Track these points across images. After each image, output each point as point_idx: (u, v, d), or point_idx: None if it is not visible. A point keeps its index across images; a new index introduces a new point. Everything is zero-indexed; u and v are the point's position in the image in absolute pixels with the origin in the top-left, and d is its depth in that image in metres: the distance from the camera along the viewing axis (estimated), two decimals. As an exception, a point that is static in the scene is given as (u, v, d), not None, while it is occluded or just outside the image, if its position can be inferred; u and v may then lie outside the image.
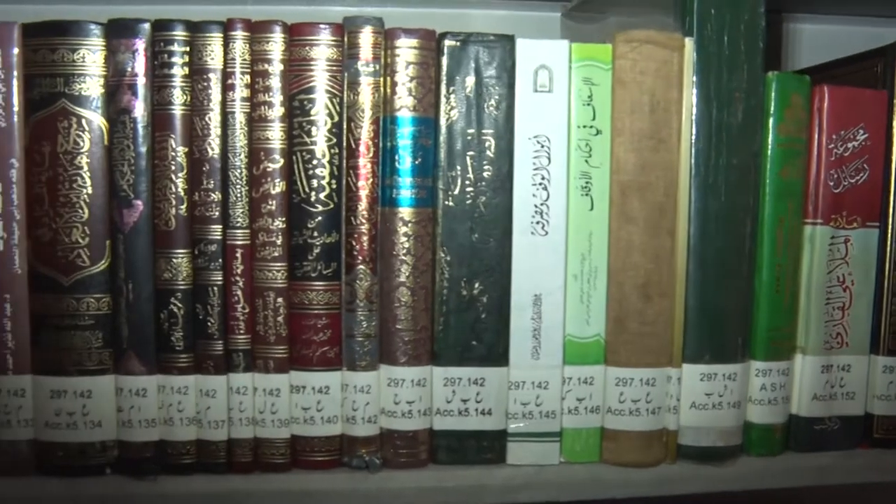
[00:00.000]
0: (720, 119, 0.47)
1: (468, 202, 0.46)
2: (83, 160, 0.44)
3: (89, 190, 0.44)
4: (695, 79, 0.47)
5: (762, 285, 0.49)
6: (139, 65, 0.44)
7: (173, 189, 0.45)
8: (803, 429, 0.50)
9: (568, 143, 0.47)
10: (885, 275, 0.50)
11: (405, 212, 0.46)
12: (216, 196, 0.45)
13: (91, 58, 0.44)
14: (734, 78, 0.47)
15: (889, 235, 0.50)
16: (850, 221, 0.49)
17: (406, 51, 0.46)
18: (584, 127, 0.47)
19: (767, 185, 0.48)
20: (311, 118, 0.45)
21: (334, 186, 0.46)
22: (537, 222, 0.47)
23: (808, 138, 0.49)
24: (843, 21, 0.63)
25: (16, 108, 0.44)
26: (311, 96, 0.45)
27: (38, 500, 0.45)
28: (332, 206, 0.46)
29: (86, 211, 0.45)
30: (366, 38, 0.45)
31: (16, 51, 0.44)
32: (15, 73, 0.44)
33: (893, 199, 0.49)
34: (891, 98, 0.49)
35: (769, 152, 0.48)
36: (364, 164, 0.46)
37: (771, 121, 0.48)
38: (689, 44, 0.47)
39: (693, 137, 0.47)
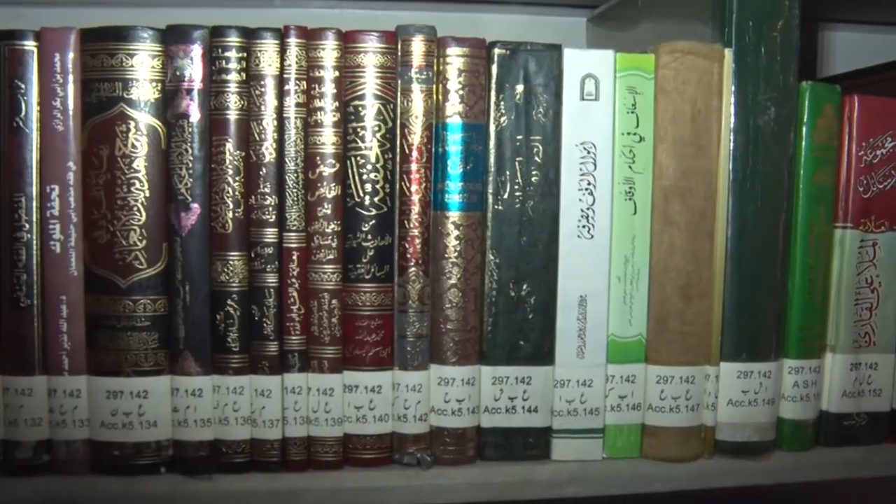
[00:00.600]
0: (756, 127, 0.48)
1: (517, 206, 0.46)
2: (141, 164, 0.44)
3: (147, 193, 0.44)
4: (733, 88, 0.47)
5: (795, 286, 0.49)
6: (196, 70, 0.44)
7: (230, 192, 0.44)
8: (833, 424, 0.50)
9: (613, 149, 0.46)
10: (909, 276, 0.51)
11: (456, 215, 0.46)
12: (272, 199, 0.44)
13: (149, 63, 0.43)
14: (770, 87, 0.48)
15: (914, 239, 0.51)
16: (878, 225, 0.50)
17: (457, 59, 0.45)
18: (628, 134, 0.47)
19: (801, 191, 0.49)
20: (365, 124, 0.45)
21: (388, 191, 0.45)
22: (583, 226, 0.47)
23: (839, 145, 0.50)
24: (877, 30, 0.65)
25: (71, 112, 0.44)
26: (365, 102, 0.45)
27: (95, 499, 0.44)
28: (385, 209, 0.45)
29: (143, 214, 0.44)
30: (418, 45, 0.45)
31: (72, 56, 0.44)
32: (71, 78, 0.44)
33: (919, 205, 0.51)
34: (916, 107, 0.50)
35: (802, 159, 0.49)
36: (417, 168, 0.46)
37: (804, 129, 0.48)
38: (728, 55, 0.47)
39: (731, 144, 0.47)
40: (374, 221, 0.45)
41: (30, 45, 0.43)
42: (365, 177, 0.44)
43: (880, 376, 0.50)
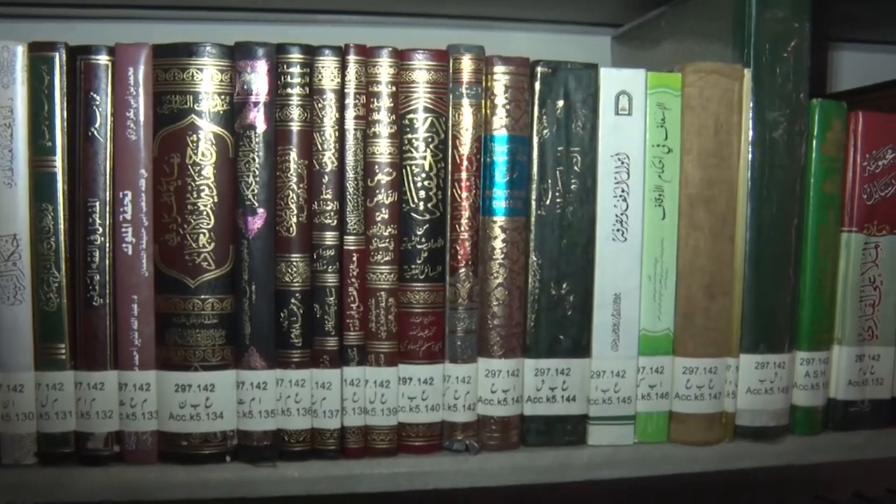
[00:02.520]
0: (772, 140, 0.47)
1: (557, 212, 0.45)
2: (210, 171, 0.42)
3: (215, 199, 0.42)
4: (752, 105, 0.47)
5: (806, 285, 0.48)
6: (262, 84, 0.42)
7: (294, 198, 0.43)
8: (840, 410, 0.49)
9: (644, 160, 0.45)
10: (906, 275, 0.51)
11: (502, 220, 0.45)
12: (334, 205, 0.43)
13: (218, 77, 0.42)
14: (784, 104, 0.47)
15: (911, 242, 0.51)
16: (880, 229, 0.50)
17: (503, 76, 0.44)
18: (658, 146, 0.46)
19: (811, 198, 0.48)
20: (419, 135, 0.43)
21: (440, 197, 0.44)
22: (617, 230, 0.47)
23: (845, 157, 0.49)
24: (879, 49, 0.65)
25: (143, 122, 0.43)
26: (419, 116, 0.43)
27: (165, 486, 0.42)
28: (437, 214, 0.44)
29: (212, 218, 0.42)
30: (467, 63, 0.44)
31: (144, 70, 0.42)
32: (143, 91, 0.42)
33: (915, 210, 0.51)
34: (913, 122, 0.51)
35: (813, 169, 0.48)
36: (467, 177, 0.44)
37: (814, 142, 0.48)
38: (747, 74, 0.47)
39: (750, 156, 0.46)
40: (427, 226, 0.44)
41: (104, 59, 0.41)
42: (419, 184, 0.44)
43: (882, 367, 0.50)
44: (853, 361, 0.48)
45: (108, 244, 0.41)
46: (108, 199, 0.41)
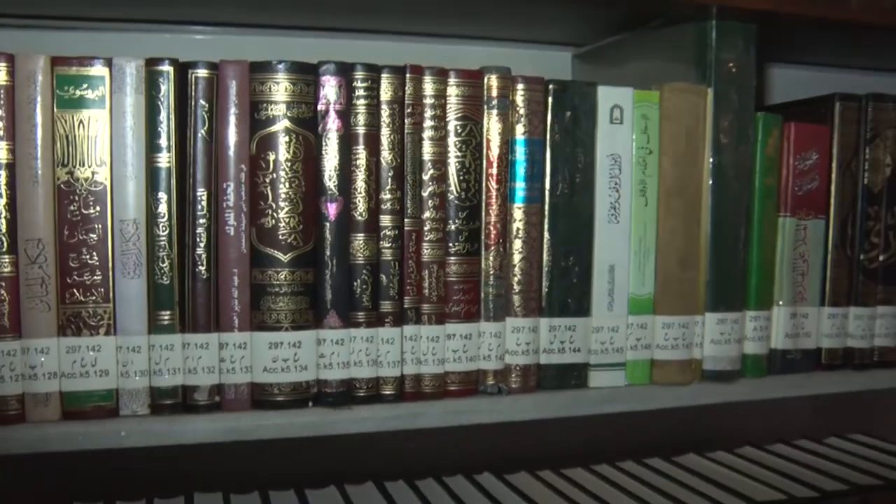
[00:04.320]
0: (728, 145, 0.62)
1: (565, 200, 0.57)
2: (299, 166, 0.53)
3: (303, 189, 0.53)
4: (712, 117, 0.62)
5: (753, 258, 0.62)
6: (340, 96, 0.53)
7: (365, 188, 0.53)
8: (779, 358, 0.63)
9: (632, 159, 0.60)
10: (827, 251, 0.67)
11: (523, 207, 0.57)
12: (395, 194, 0.54)
13: (305, 90, 0.52)
14: (737, 116, 0.61)
15: (831, 224, 0.66)
16: (807, 214, 0.65)
17: (524, 92, 0.57)
18: (642, 148, 0.59)
19: (756, 190, 0.62)
20: (462, 139, 0.56)
21: (476, 188, 0.56)
22: (612, 214, 0.59)
23: (781, 158, 0.65)
24: (807, 68, 0.82)
25: (241, 126, 0.53)
26: (461, 122, 0.55)
27: (260, 428, 0.52)
28: (475, 202, 0.55)
29: (300, 205, 0.53)
30: (496, 81, 0.56)
31: (242, 82, 0.51)
32: (241, 100, 0.52)
33: (833, 200, 0.65)
34: (831, 132, 0.65)
35: (757, 167, 0.62)
36: (497, 172, 0.56)
37: (758, 146, 0.62)
38: (709, 93, 0.61)
39: (711, 157, 0.61)
40: (466, 211, 0.55)
41: (208, 73, 0.51)
42: (460, 178, 0.55)
43: (810, 323, 0.65)
44: (789, 318, 0.63)
45: (213, 227, 0.51)
46: (213, 189, 0.51)
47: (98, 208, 0.50)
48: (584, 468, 0.74)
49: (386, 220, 0.53)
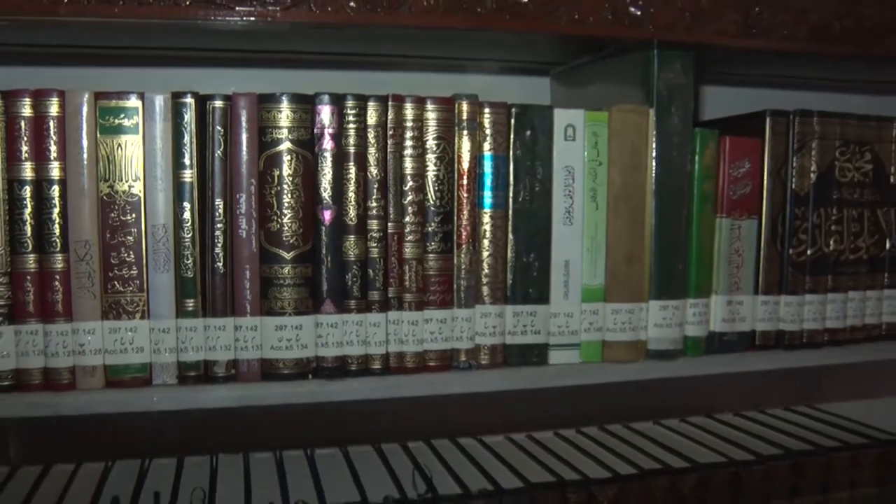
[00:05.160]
0: (669, 156, 0.71)
1: (526, 206, 0.68)
2: (300, 180, 0.63)
3: (303, 199, 0.63)
4: (655, 133, 0.71)
5: (693, 254, 0.73)
6: (332, 121, 0.64)
7: (354, 199, 0.65)
8: (717, 339, 0.74)
9: (584, 170, 0.70)
10: (760, 247, 0.76)
11: (490, 212, 0.67)
12: (381, 203, 0.65)
13: (304, 116, 0.63)
14: (676, 132, 0.71)
15: (763, 224, 0.75)
16: (741, 215, 0.74)
17: (489, 115, 0.67)
18: (593, 161, 0.70)
19: (695, 195, 0.72)
20: (435, 155, 0.66)
21: (449, 197, 0.66)
22: (567, 218, 0.69)
23: (717, 167, 0.75)
24: (742, 87, 0.92)
25: (251, 147, 0.63)
26: (434, 141, 0.66)
27: (268, 396, 0.63)
28: (449, 208, 0.66)
29: (300, 212, 0.63)
30: (466, 106, 0.66)
31: (252, 111, 0.62)
32: (251, 125, 0.63)
33: (764, 203, 0.75)
34: (763, 144, 0.75)
35: (696, 175, 0.72)
36: (467, 183, 0.67)
37: (697, 157, 0.72)
38: (651, 113, 0.71)
39: (654, 168, 0.71)
40: (441, 216, 0.66)
41: (223, 103, 0.62)
42: (436, 188, 0.66)
43: (745, 309, 0.75)
44: (725, 305, 0.73)
45: (228, 230, 0.62)
46: (228, 199, 0.61)
47: (134, 215, 0.60)
48: (553, 434, 0.85)
49: (373, 224, 0.64)
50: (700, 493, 0.75)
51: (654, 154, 0.69)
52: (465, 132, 0.65)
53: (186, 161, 0.61)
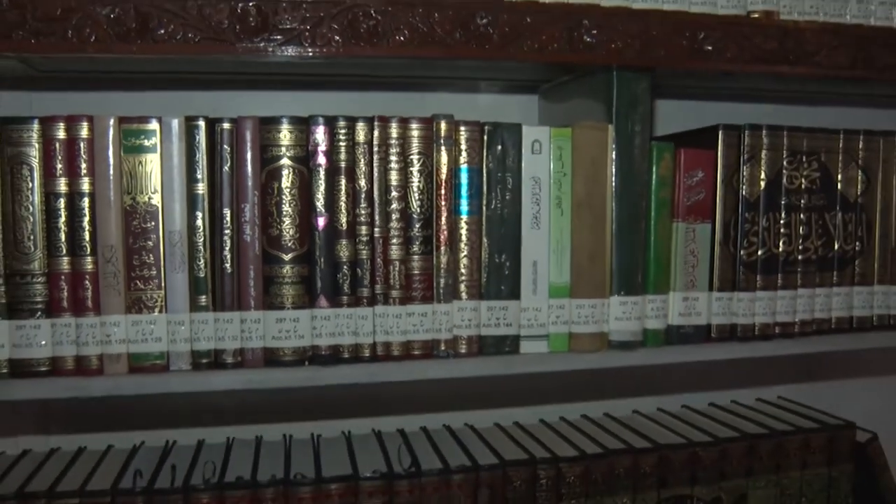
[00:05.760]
0: (628, 167, 0.80)
1: (498, 212, 0.77)
2: (297, 192, 0.72)
3: (299, 207, 0.73)
4: (614, 146, 0.80)
5: (651, 255, 0.81)
6: (324, 139, 0.73)
7: (344, 207, 0.74)
8: (674, 332, 0.82)
9: (550, 180, 0.78)
10: (714, 248, 0.84)
11: (466, 218, 0.76)
12: (367, 211, 0.74)
13: (300, 136, 0.72)
14: (634, 145, 0.80)
15: (716, 227, 0.83)
16: (695, 220, 0.82)
17: (465, 132, 0.75)
18: (558, 172, 0.78)
19: (653, 202, 0.80)
20: (416, 169, 0.75)
21: (429, 205, 0.75)
22: (534, 223, 0.78)
23: (673, 176, 0.83)
24: (697, 101, 1.00)
25: (254, 163, 0.73)
26: (416, 156, 0.75)
27: (271, 380, 0.72)
28: (429, 215, 0.75)
29: (297, 219, 0.73)
30: (443, 125, 0.75)
31: (255, 132, 0.72)
32: (253, 144, 0.73)
33: (717, 208, 0.83)
34: (715, 155, 0.83)
35: (654, 184, 0.80)
36: (444, 192, 0.75)
37: (654, 167, 0.81)
38: (611, 129, 0.79)
39: (614, 177, 0.80)
40: (422, 222, 0.75)
41: (230, 125, 0.71)
42: (417, 197, 0.75)
43: (700, 304, 0.83)
44: (682, 301, 0.81)
45: (235, 236, 0.71)
46: (235, 209, 0.71)
47: (153, 223, 0.70)
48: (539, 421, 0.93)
49: (361, 229, 0.73)
50: (661, 471, 0.83)
51: (613, 165, 0.78)
52: (442, 147, 0.74)
53: (199, 176, 0.70)
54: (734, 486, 0.86)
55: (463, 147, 0.74)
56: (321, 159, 0.72)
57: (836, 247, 0.86)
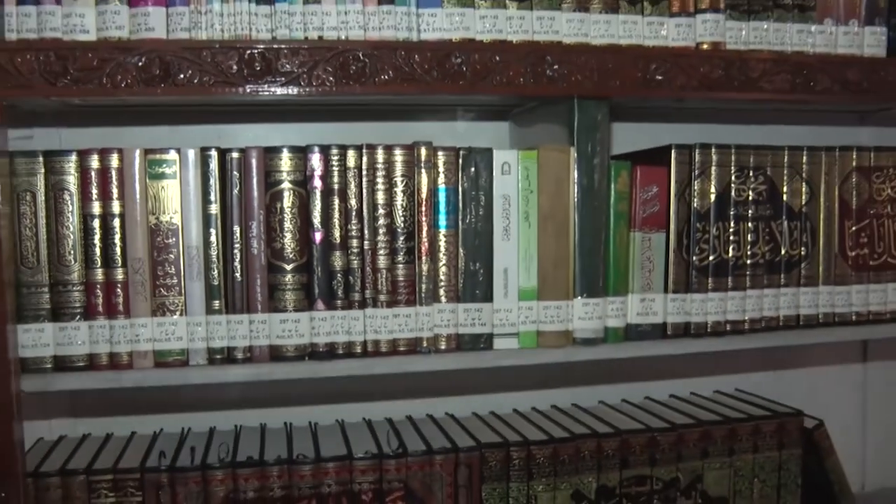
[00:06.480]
0: (589, 184, 0.91)
1: (473, 226, 0.88)
2: (296, 210, 0.85)
3: (299, 224, 0.85)
4: (575, 166, 0.91)
5: (611, 261, 0.92)
6: (320, 165, 0.85)
7: (337, 223, 0.86)
8: (633, 330, 0.93)
9: (518, 197, 0.90)
10: (668, 255, 0.95)
11: (444, 231, 0.88)
12: (358, 226, 0.86)
13: (298, 162, 0.85)
14: (594, 164, 0.91)
15: (670, 236, 0.95)
16: (651, 230, 0.93)
17: (442, 156, 0.87)
18: (525, 189, 0.89)
19: (612, 214, 0.92)
20: (400, 189, 0.87)
21: (411, 220, 0.87)
22: (505, 234, 0.90)
23: (630, 191, 0.94)
24: (652, 123, 1.11)
25: (260, 186, 0.85)
26: (400, 178, 0.87)
27: (276, 373, 0.84)
28: (412, 229, 0.87)
29: (297, 234, 0.85)
30: (423, 151, 0.87)
31: (260, 159, 0.85)
32: (259, 170, 0.85)
33: (671, 219, 0.94)
34: (669, 171, 0.94)
35: (612, 198, 0.92)
36: (425, 209, 0.87)
37: (612, 184, 0.92)
38: (572, 151, 0.90)
39: (576, 193, 0.91)
40: (405, 235, 0.87)
41: (239, 154, 0.84)
42: (401, 214, 0.86)
43: (656, 305, 0.94)
44: (639, 302, 0.92)
45: (244, 249, 0.83)
46: (243, 226, 0.83)
47: (174, 239, 0.82)
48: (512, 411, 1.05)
49: (352, 242, 0.85)
50: (622, 453, 0.94)
51: (575, 183, 0.89)
52: (423, 170, 0.86)
53: (212, 198, 0.83)
54: (690, 468, 0.97)
55: (441, 169, 0.86)
56: (317, 182, 0.84)
57: (783, 252, 0.97)
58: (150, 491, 0.86)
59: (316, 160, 0.84)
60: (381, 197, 0.85)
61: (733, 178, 0.94)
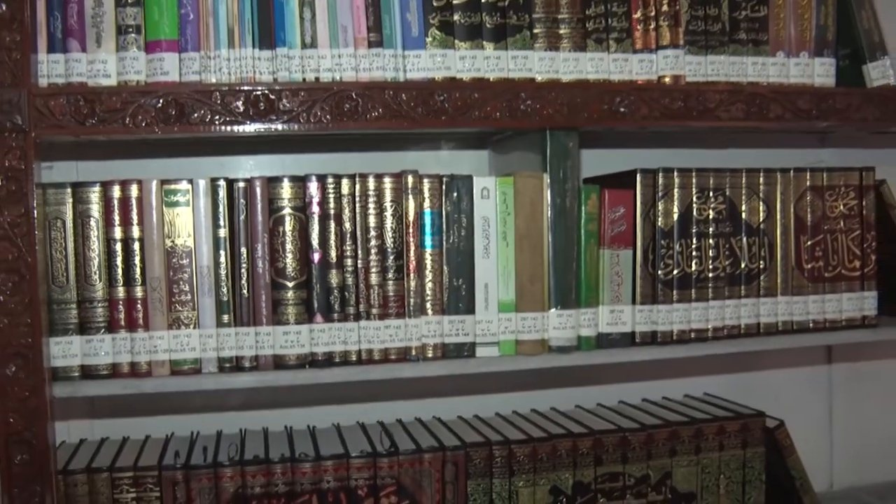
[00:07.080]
0: (561, 207, 1.01)
1: (456, 245, 0.99)
2: (297, 234, 0.95)
3: (299, 246, 0.95)
4: (549, 191, 1.01)
5: (583, 276, 1.02)
6: (317, 193, 0.96)
7: (334, 245, 0.96)
8: (604, 338, 1.03)
9: (496, 219, 1.00)
10: (635, 270, 1.05)
11: (430, 250, 0.98)
12: (352, 247, 0.97)
13: (298, 191, 0.96)
14: (566, 188, 1.01)
15: (637, 253, 1.05)
16: (619, 247, 1.03)
17: (427, 183, 0.98)
18: (503, 212, 1.00)
19: (582, 234, 1.02)
20: (390, 213, 0.98)
21: (400, 241, 0.98)
22: (485, 253, 1.00)
23: (599, 212, 1.04)
24: (620, 149, 1.22)
25: (264, 212, 0.96)
26: (389, 203, 0.97)
27: (280, 379, 0.95)
28: (400, 249, 0.98)
29: (297, 255, 0.96)
30: (410, 179, 0.98)
31: (264, 188, 0.96)
32: (263, 198, 0.96)
33: (637, 237, 1.04)
34: (635, 194, 1.04)
35: (583, 219, 1.02)
36: (412, 231, 0.98)
37: (583, 206, 1.02)
38: (545, 176, 1.01)
39: (550, 215, 1.01)
40: (395, 254, 0.97)
41: (245, 183, 0.95)
42: (391, 235, 0.97)
43: (625, 315, 1.04)
44: (609, 313, 1.02)
45: (250, 269, 0.94)
46: (249, 248, 0.94)
47: (187, 260, 0.93)
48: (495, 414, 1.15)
49: (347, 261, 0.95)
50: (596, 451, 1.04)
51: (548, 206, 0.99)
52: (410, 196, 0.97)
53: (221, 223, 0.94)
54: (660, 465, 1.07)
55: (426, 195, 0.97)
56: (315, 208, 0.95)
57: (743, 265, 1.07)
58: (167, 487, 0.96)
59: (314, 188, 0.95)
60: (372, 220, 0.96)
61: (695, 198, 1.05)
